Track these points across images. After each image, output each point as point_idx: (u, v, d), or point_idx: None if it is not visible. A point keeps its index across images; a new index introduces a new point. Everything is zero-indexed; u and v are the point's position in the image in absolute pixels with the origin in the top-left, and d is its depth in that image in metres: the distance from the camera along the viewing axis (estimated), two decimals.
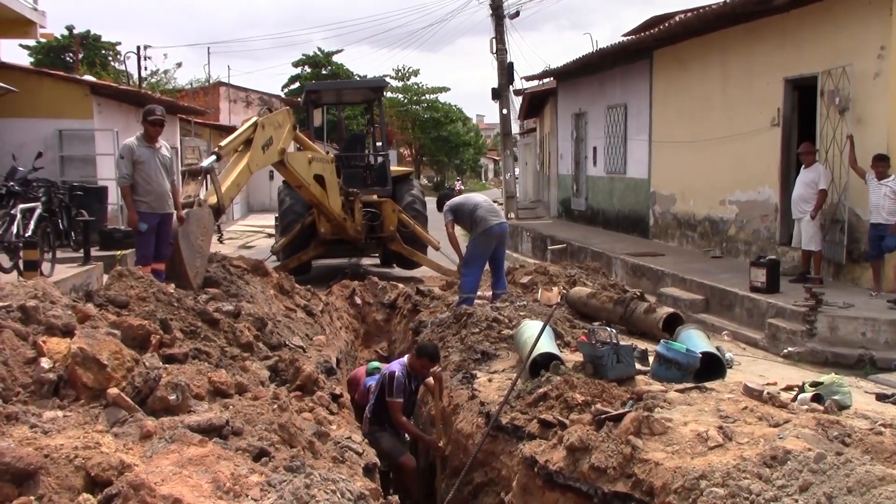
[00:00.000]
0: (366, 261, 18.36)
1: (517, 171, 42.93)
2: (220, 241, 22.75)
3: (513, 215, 23.98)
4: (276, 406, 4.41)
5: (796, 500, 3.84)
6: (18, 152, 14.42)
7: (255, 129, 10.65)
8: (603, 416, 5.12)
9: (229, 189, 9.97)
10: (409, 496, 7.28)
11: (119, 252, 12.94)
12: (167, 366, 4.61)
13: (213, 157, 9.92)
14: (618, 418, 5.04)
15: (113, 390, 3.91)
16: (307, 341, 8.87)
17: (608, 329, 6.81)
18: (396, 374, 7.17)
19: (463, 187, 59.24)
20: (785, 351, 9.45)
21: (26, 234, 10.36)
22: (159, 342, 4.82)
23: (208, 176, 9.67)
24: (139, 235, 8.74)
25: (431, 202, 16.12)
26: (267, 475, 3.53)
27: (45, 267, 10.73)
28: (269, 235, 24.74)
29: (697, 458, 4.55)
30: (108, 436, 3.65)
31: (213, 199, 9.65)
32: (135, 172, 8.60)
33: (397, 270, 16.81)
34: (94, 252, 12.73)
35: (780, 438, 4.48)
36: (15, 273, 9.81)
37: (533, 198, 35.28)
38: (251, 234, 28.76)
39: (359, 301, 12.41)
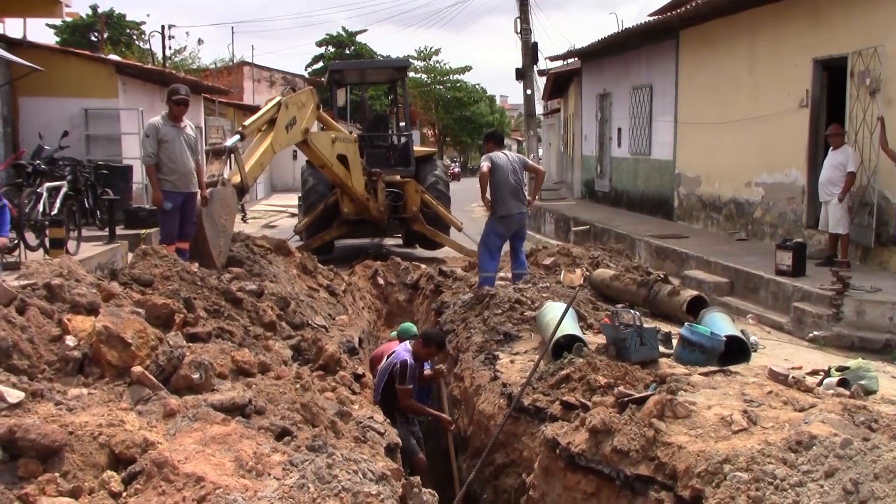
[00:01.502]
0: (388, 241, 18.36)
1: (541, 151, 42.73)
2: (244, 220, 22.87)
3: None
4: (298, 385, 4.42)
5: (822, 486, 3.79)
6: (45, 131, 14.52)
7: (278, 108, 10.63)
8: (626, 399, 5.08)
9: (253, 168, 9.97)
10: None
11: (144, 231, 13.01)
12: (191, 344, 4.63)
13: (237, 137, 9.93)
14: (641, 401, 5.01)
15: (137, 368, 3.93)
16: (330, 321, 8.90)
17: (631, 311, 6.77)
18: (409, 362, 7.15)
19: (458, 169, 59.31)
20: (811, 335, 9.36)
21: (52, 213, 10.45)
22: (183, 321, 4.83)
23: (232, 155, 9.68)
24: (163, 214, 8.78)
25: (454, 183, 16.09)
26: (289, 454, 3.54)
27: (71, 245, 10.82)
28: (293, 215, 24.84)
29: (721, 442, 4.51)
30: (132, 413, 3.68)
31: (236, 179, 9.66)
32: (160, 151, 8.62)
33: (420, 251, 16.81)
34: (119, 231, 12.82)
35: (806, 423, 4.43)
36: (41, 251, 9.90)
37: (556, 179, 35.09)
38: (274, 213, 28.89)
39: (381, 281, 12.42)
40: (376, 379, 7.43)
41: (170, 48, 39.61)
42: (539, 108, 42.16)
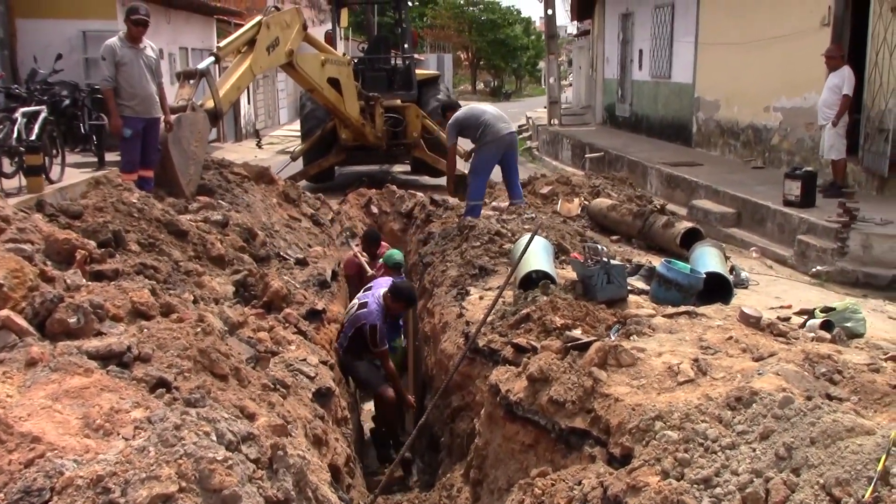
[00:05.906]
0: (397, 168, 17.87)
1: (571, 76, 41.52)
2: (259, 146, 22.43)
3: (556, 122, 23.12)
4: (199, 329, 4.06)
5: (754, 450, 3.38)
6: (42, 54, 14.21)
7: (258, 28, 10.11)
8: (569, 344, 4.68)
9: (229, 92, 9.52)
10: (389, 426, 7.03)
11: None
12: (89, 284, 4.28)
13: (211, 59, 9.47)
14: (585, 347, 4.60)
15: (4, 312, 3.59)
16: (306, 252, 8.56)
17: (600, 246, 6.32)
18: (378, 325, 6.81)
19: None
20: (813, 270, 8.83)
21: (30, 139, 10.13)
22: (86, 258, 4.47)
23: (204, 79, 9.22)
24: (123, 142, 8.38)
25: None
26: (153, 410, 3.20)
27: (55, 171, 10.57)
28: None
29: (664, 394, 4.09)
30: None
31: (210, 104, 9.23)
32: (118, 75, 8.19)
33: (426, 179, 16.30)
34: (114, 157, 12.52)
35: (759, 375, 4.00)
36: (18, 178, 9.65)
37: (584, 103, 34.13)
38: (294, 139, 28.35)
39: (375, 210, 12.00)
40: (345, 324, 7.11)
41: None
42: (573, 29, 40.80)
